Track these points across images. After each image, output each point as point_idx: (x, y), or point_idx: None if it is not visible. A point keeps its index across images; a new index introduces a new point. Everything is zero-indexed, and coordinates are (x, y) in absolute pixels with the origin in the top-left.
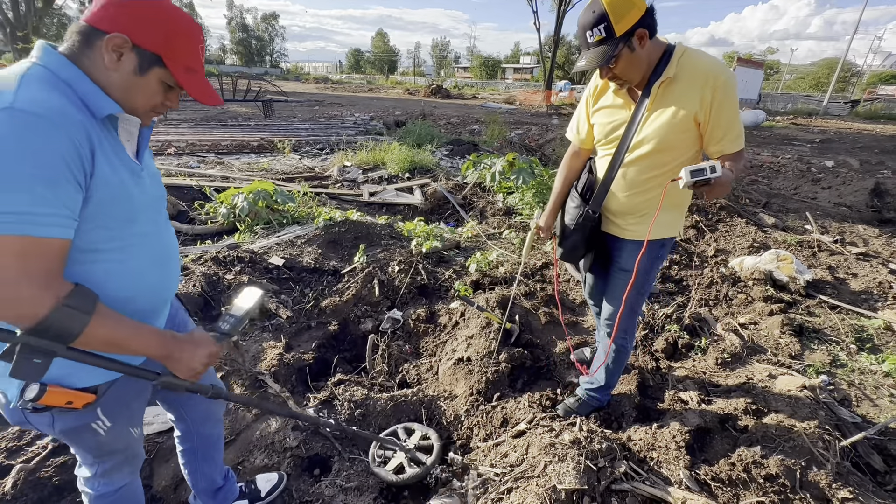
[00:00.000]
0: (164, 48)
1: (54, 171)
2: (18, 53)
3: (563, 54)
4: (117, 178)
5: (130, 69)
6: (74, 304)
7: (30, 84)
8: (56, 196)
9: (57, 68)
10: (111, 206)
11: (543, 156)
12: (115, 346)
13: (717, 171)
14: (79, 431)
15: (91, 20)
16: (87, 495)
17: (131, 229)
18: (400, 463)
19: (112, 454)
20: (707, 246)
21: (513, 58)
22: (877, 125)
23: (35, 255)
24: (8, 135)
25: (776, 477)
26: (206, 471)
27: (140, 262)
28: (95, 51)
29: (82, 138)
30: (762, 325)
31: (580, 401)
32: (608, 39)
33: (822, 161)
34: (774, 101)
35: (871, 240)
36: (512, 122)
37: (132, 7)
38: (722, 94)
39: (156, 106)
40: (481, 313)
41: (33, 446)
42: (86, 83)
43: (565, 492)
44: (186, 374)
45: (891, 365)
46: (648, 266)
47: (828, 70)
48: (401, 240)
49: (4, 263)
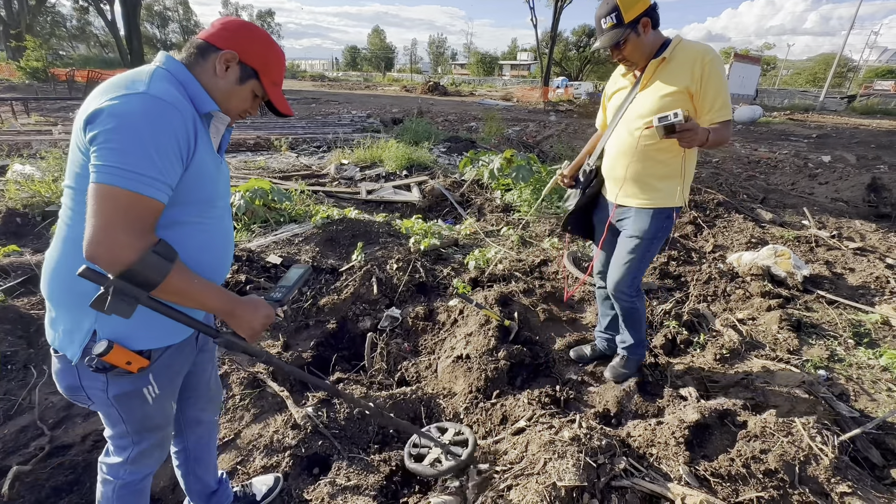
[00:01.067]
0: (262, 65)
1: (167, 146)
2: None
3: (560, 51)
4: (207, 164)
5: (234, 79)
6: (161, 252)
7: (158, 79)
8: (164, 166)
9: (175, 71)
10: (200, 186)
11: (541, 152)
12: (189, 298)
13: (680, 117)
14: (130, 397)
15: (209, 38)
16: (110, 484)
17: (210, 211)
18: (437, 458)
19: (154, 430)
20: (705, 242)
21: (510, 54)
22: (873, 120)
23: (138, 209)
24: (140, 112)
25: (775, 472)
26: (199, 474)
27: (211, 238)
28: (208, 62)
29: (190, 124)
30: (760, 320)
31: (625, 358)
32: (618, 25)
33: (818, 156)
34: (771, 96)
35: (867, 235)
36: (509, 119)
37: (243, 32)
38: (710, 68)
39: (244, 110)
40: (480, 311)
41: (30, 448)
42: (195, 85)
43: (565, 489)
44: (247, 332)
45: (888, 359)
46: (652, 234)
47: (824, 65)
48: (399, 237)
49: (113, 212)
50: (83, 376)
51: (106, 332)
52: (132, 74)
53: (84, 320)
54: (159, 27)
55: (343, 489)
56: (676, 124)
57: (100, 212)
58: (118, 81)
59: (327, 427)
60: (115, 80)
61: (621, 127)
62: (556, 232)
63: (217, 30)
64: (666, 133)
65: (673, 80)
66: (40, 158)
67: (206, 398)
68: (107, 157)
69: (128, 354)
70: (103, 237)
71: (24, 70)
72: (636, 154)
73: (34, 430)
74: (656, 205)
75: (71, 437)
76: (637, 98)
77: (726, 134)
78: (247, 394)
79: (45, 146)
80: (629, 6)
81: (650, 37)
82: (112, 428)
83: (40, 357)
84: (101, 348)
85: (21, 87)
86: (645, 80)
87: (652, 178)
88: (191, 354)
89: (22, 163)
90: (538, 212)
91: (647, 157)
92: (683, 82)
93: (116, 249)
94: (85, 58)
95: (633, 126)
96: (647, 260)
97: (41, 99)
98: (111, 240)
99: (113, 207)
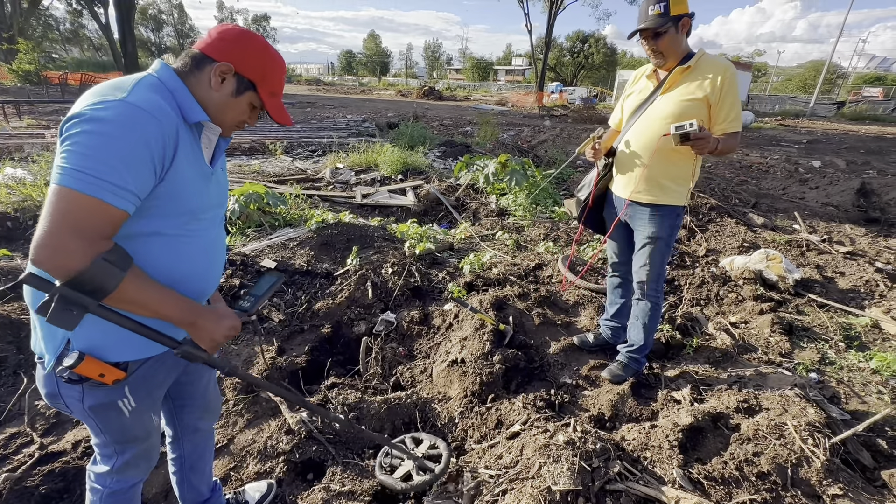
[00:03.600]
0: (259, 77)
1: (137, 154)
2: (4, 54)
3: (554, 56)
4: (190, 176)
5: (229, 91)
6: (112, 260)
7: (142, 87)
8: (131, 174)
9: (166, 79)
10: (179, 198)
11: (536, 157)
12: (144, 307)
13: (695, 127)
14: (106, 409)
15: (205, 49)
16: (98, 492)
17: (193, 223)
18: (408, 471)
19: (133, 442)
20: (698, 246)
21: (505, 59)
22: (862, 126)
23: (94, 216)
24: (114, 119)
25: (768, 475)
26: (193, 481)
27: (192, 252)
28: (203, 73)
29: (171, 133)
30: (753, 323)
31: (624, 364)
32: (664, 16)
33: (809, 162)
34: (762, 102)
35: (857, 239)
36: (504, 124)
37: (240, 43)
38: (729, 83)
39: (241, 122)
40: (475, 315)
41: (19, 455)
42: (185, 94)
43: (560, 493)
44: (208, 343)
45: (878, 362)
46: (668, 232)
47: (814, 72)
48: (394, 241)
49: (65, 215)
50: (60, 385)
51: (79, 342)
52: (118, 81)
53: (58, 329)
54: (154, 31)
55: (337, 495)
56: (691, 133)
57: (51, 214)
58: (102, 88)
59: (322, 432)
60: (100, 86)
61: (640, 126)
62: (550, 236)
63: (213, 40)
64: (681, 140)
65: (695, 89)
66: (32, 162)
67: (202, 407)
68: (70, 160)
69: (101, 366)
70: (50, 241)
71: (16, 73)
72: (652, 154)
73: (24, 437)
74: (666, 202)
75: (61, 445)
76: (658, 101)
77: (734, 143)
78: (241, 399)
79: (36, 150)
80: (678, 1)
81: (684, 40)
82: (95, 437)
83: (30, 363)
84: (71, 360)
85: (13, 90)
86: (668, 85)
87: (664, 178)
88: (176, 366)
89: (13, 166)
90: (533, 216)
91: (662, 158)
92: (704, 92)
93: (63, 255)
94: (78, 61)
95: (652, 127)
96: (668, 256)
97: (33, 102)
98: (58, 244)
99: (66, 210)
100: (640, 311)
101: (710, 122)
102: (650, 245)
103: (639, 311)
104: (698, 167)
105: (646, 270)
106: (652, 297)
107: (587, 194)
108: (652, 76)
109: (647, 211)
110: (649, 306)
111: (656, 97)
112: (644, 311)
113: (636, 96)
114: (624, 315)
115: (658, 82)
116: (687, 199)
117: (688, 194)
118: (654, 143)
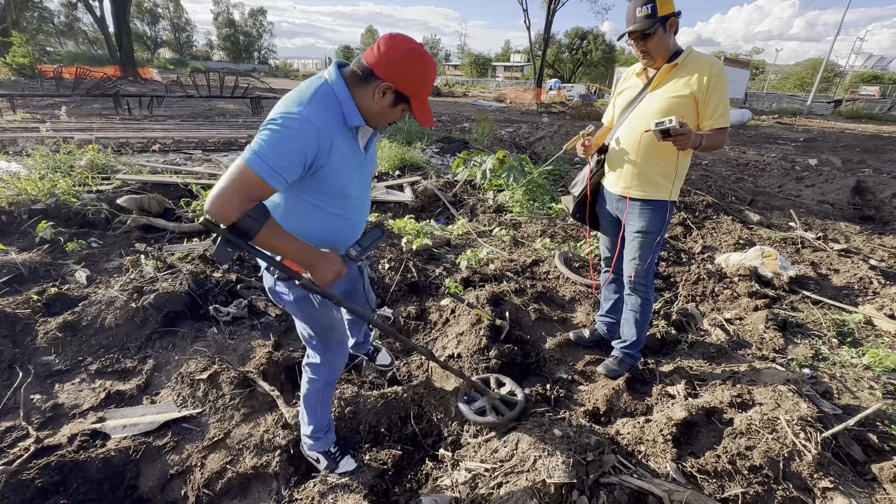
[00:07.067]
0: (414, 93)
1: (297, 156)
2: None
3: (552, 52)
4: (342, 167)
5: (388, 103)
6: (254, 216)
7: (317, 101)
8: (288, 166)
9: (337, 89)
10: (331, 182)
11: (534, 153)
12: (275, 249)
13: (674, 123)
14: (304, 300)
15: (374, 66)
16: (317, 382)
17: (344, 201)
18: (483, 406)
19: (325, 331)
20: (694, 243)
21: (503, 56)
22: (858, 124)
23: (255, 187)
24: (292, 127)
25: (760, 468)
26: (354, 332)
27: (337, 225)
28: (368, 86)
29: (327, 140)
30: (747, 320)
31: (619, 360)
32: (652, 17)
33: (805, 159)
34: (760, 100)
35: (852, 236)
36: (502, 120)
37: (404, 66)
38: (716, 80)
39: (389, 122)
40: (472, 310)
41: (15, 448)
42: (350, 105)
43: (554, 485)
44: (320, 280)
45: (870, 358)
46: (658, 227)
47: (811, 70)
48: (391, 237)
49: (239, 182)
50: (276, 283)
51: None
52: (303, 90)
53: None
54: (149, 24)
55: (334, 488)
56: (671, 129)
57: (230, 179)
58: (294, 97)
59: None
60: (290, 95)
61: (630, 123)
62: (547, 232)
63: (381, 58)
64: (662, 136)
65: (682, 86)
66: (26, 156)
67: (363, 302)
68: (257, 145)
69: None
70: (222, 197)
71: (10, 66)
72: (641, 150)
73: (19, 431)
74: (655, 197)
75: (57, 438)
76: (647, 98)
77: (722, 139)
78: (237, 393)
79: (31, 144)
80: (664, 2)
81: (672, 39)
82: (302, 330)
83: (26, 357)
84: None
85: (7, 84)
86: (656, 83)
87: (654, 174)
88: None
89: (7, 160)
90: (530, 213)
91: (650, 154)
92: (691, 89)
93: (227, 207)
94: (73, 54)
95: (641, 124)
96: (657, 251)
97: (28, 96)
98: (227, 199)
99: (240, 179)
100: (632, 307)
101: (698, 119)
102: (640, 239)
103: (630, 306)
104: (683, 163)
105: (635, 264)
106: (641, 291)
107: (581, 190)
108: (642, 74)
109: (638, 206)
110: (639, 302)
111: (645, 94)
112: (635, 306)
113: (627, 94)
114: (618, 311)
115: (647, 80)
116: (675, 193)
117: (676, 189)
118: (641, 139)
